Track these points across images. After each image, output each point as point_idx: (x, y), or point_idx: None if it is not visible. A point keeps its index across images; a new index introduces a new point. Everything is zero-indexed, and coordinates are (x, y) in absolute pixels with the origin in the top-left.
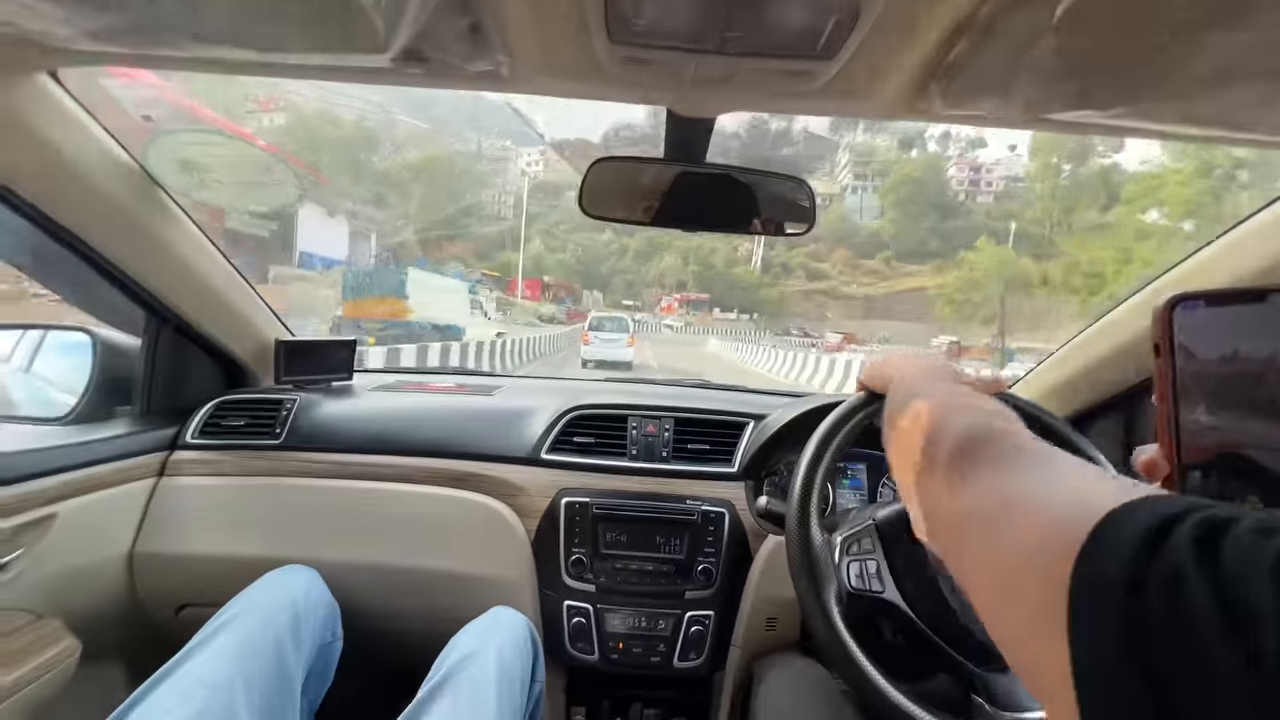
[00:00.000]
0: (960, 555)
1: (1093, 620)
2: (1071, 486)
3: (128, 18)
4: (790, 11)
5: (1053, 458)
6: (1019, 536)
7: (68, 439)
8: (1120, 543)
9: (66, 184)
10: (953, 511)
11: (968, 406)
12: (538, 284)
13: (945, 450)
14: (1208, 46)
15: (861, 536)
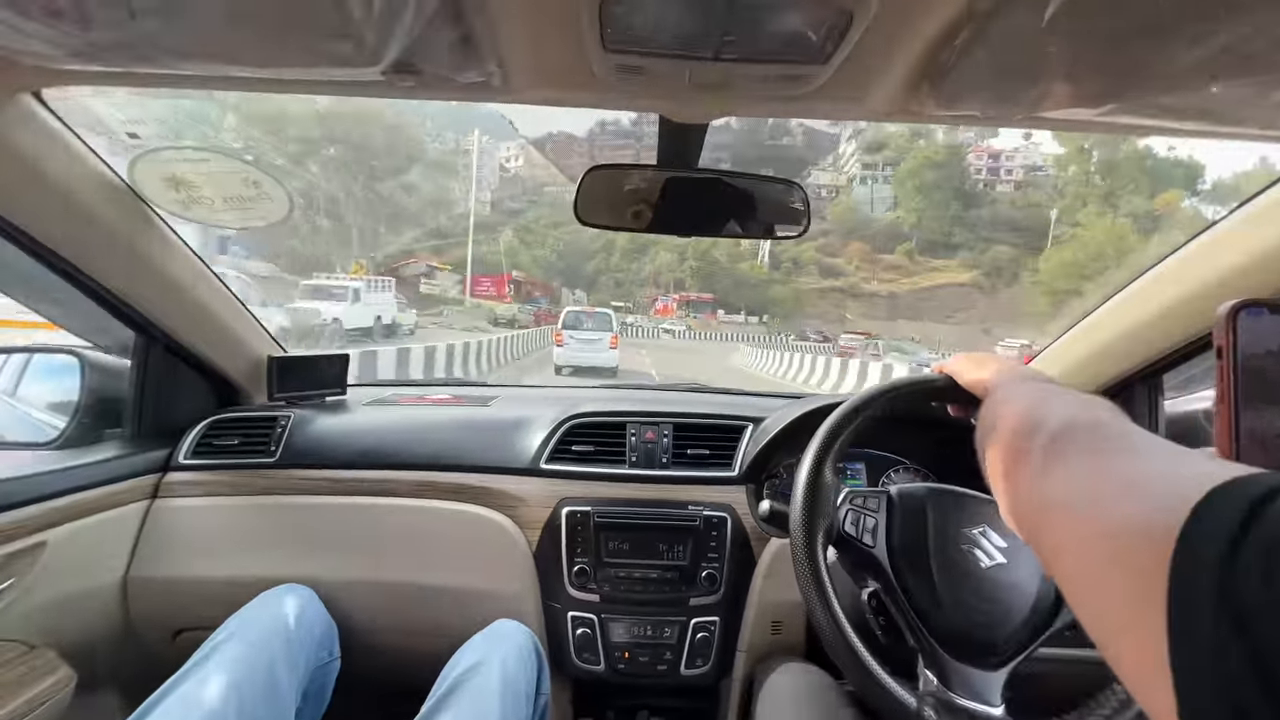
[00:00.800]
0: (1050, 539)
1: (1190, 591)
2: (1174, 468)
3: (110, 35)
4: (785, 17)
5: (1154, 442)
6: (1117, 518)
7: (56, 464)
8: (1222, 515)
9: (51, 204)
10: (1044, 495)
11: (1069, 399)
12: (503, 281)
13: (1043, 438)
14: (1195, 43)
15: (870, 497)
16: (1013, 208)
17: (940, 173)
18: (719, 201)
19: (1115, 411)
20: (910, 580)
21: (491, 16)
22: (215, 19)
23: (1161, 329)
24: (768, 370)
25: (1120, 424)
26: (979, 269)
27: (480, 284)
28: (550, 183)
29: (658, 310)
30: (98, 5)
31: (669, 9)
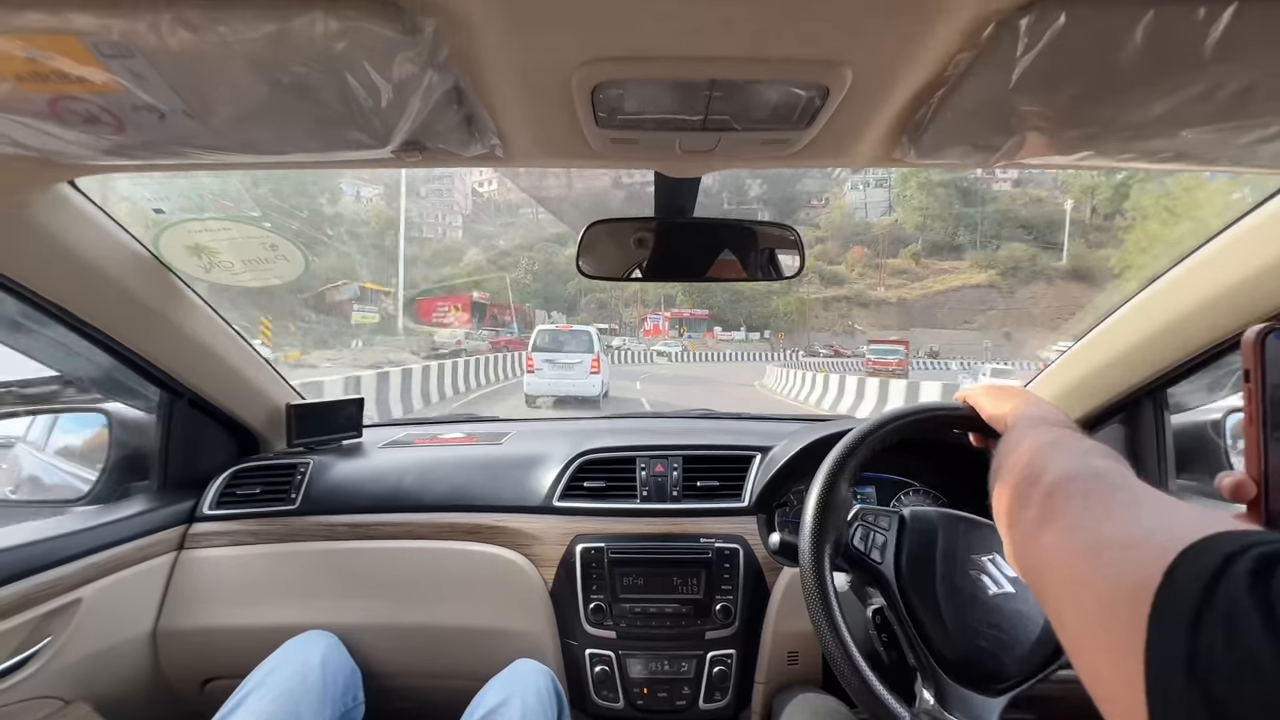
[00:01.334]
0: (1047, 589)
1: (1164, 650)
2: (1153, 526)
3: (141, 137)
4: (766, 94)
5: (1140, 497)
6: (1103, 576)
7: (89, 520)
8: (1189, 579)
9: (86, 281)
10: (1042, 548)
11: (1072, 449)
12: (465, 303)
13: (1042, 488)
14: (1161, 97)
15: (882, 516)
16: (1013, 204)
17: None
18: (717, 247)
19: (1115, 459)
20: (915, 600)
21: (492, 101)
22: (238, 118)
23: (1162, 346)
24: (800, 395)
25: (1115, 476)
26: (994, 268)
27: (431, 308)
28: (525, 204)
29: (647, 331)
30: (130, 111)
31: (657, 92)
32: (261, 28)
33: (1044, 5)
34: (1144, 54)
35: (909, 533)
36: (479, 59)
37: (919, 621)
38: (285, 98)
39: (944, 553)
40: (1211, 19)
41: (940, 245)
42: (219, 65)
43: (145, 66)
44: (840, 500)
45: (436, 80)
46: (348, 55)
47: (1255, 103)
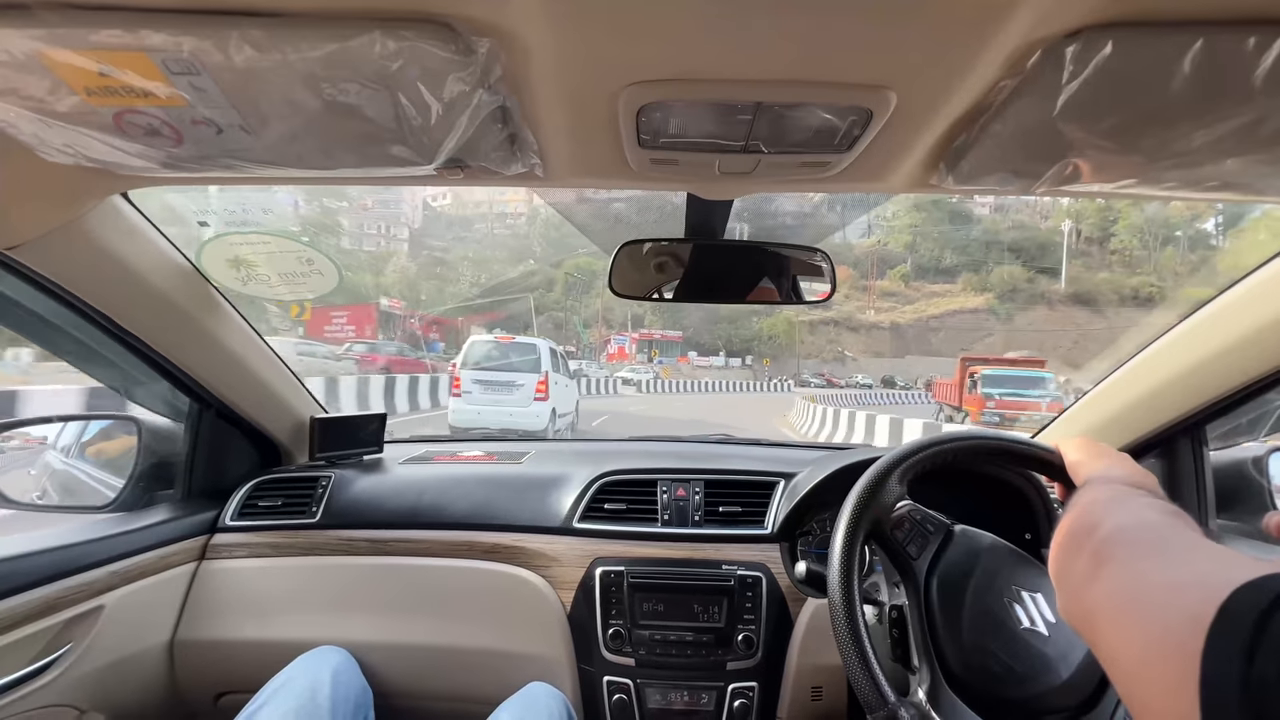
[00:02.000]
0: (1099, 635)
1: (1219, 681)
2: (1206, 570)
3: (198, 149)
4: (810, 116)
5: (1193, 545)
6: (1156, 616)
7: (114, 527)
8: (1242, 614)
9: (131, 290)
10: (1092, 596)
11: (1131, 504)
12: (368, 314)
13: (1095, 540)
14: (1207, 126)
15: (931, 521)
16: (997, 227)
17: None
18: (747, 269)
19: (1172, 513)
20: (938, 606)
21: (537, 121)
22: (291, 134)
23: (1200, 380)
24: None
25: (1167, 527)
26: (990, 291)
27: (325, 320)
28: (480, 219)
29: (610, 355)
30: (189, 125)
31: (701, 113)
32: (322, 47)
33: (1090, 34)
34: (1192, 83)
35: (954, 545)
36: (529, 80)
37: (934, 626)
38: (338, 115)
39: (985, 573)
40: (1262, 49)
41: (927, 267)
42: (278, 82)
43: (209, 82)
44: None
45: (485, 100)
46: (402, 75)
47: None
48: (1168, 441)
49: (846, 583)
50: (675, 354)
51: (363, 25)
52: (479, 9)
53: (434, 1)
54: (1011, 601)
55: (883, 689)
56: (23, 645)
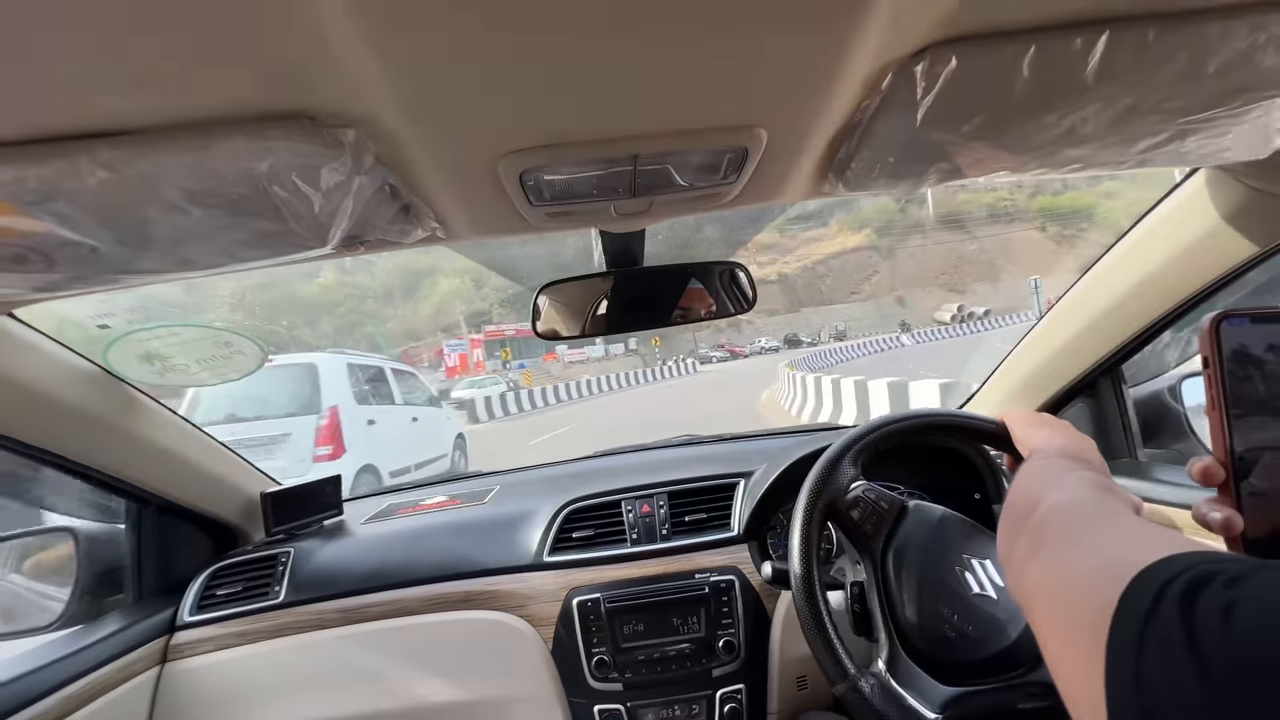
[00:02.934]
0: (1034, 618)
1: (1118, 672)
2: (1117, 552)
3: (74, 270)
4: (689, 157)
5: (1116, 525)
6: (1075, 604)
7: (62, 649)
8: (1136, 605)
9: (35, 407)
10: (1029, 580)
11: (1068, 480)
12: None
13: (1033, 521)
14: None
15: (885, 500)
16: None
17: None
18: (669, 291)
19: (1104, 489)
20: (894, 579)
21: (425, 192)
22: (173, 241)
23: (1107, 328)
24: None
25: (1096, 504)
26: (867, 227)
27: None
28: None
29: (451, 368)
30: (58, 248)
31: (583, 169)
32: (183, 158)
33: (935, 51)
34: (1034, 83)
35: (908, 520)
36: (404, 158)
37: (891, 598)
38: (217, 217)
39: (937, 544)
40: (1089, 47)
41: (799, 215)
42: (145, 197)
43: (69, 208)
44: (821, 524)
45: (365, 183)
46: (273, 173)
47: (1141, 114)
48: (1091, 385)
49: (806, 565)
50: (539, 352)
51: (222, 131)
52: (336, 103)
53: (289, 99)
54: (963, 570)
55: (843, 662)
56: None
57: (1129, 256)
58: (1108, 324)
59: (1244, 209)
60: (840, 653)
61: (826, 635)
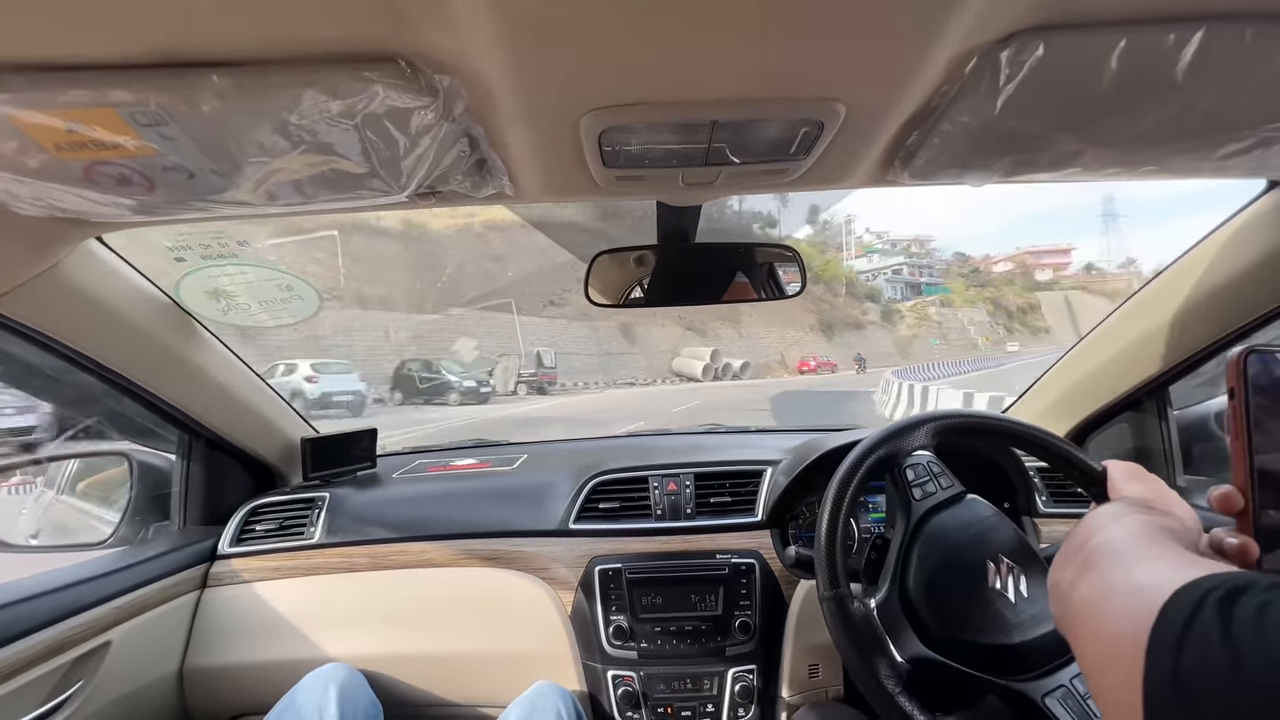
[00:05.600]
0: (1076, 639)
1: (1157, 674)
2: (1160, 575)
3: (171, 195)
4: (765, 128)
5: (1160, 554)
6: (1115, 621)
7: (114, 563)
8: (1176, 614)
9: (113, 331)
10: (1073, 603)
11: (1123, 521)
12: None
13: (1083, 554)
14: (1141, 116)
15: (945, 477)
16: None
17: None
18: (719, 270)
19: (1153, 526)
20: (922, 543)
21: (503, 147)
22: (262, 175)
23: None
24: None
25: (1144, 537)
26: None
27: None
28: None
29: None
30: (161, 172)
31: (661, 133)
32: (287, 92)
33: (1023, 38)
34: (1121, 78)
35: (960, 506)
36: (492, 110)
37: (909, 559)
38: (308, 154)
39: (978, 533)
40: (1181, 43)
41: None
42: (246, 128)
43: (178, 132)
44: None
45: (450, 131)
46: (368, 114)
47: (1227, 117)
48: (1135, 404)
49: (841, 493)
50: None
51: (325, 69)
52: (437, 49)
53: (393, 42)
54: (993, 565)
55: (840, 577)
56: (34, 687)
57: (1190, 273)
58: (1160, 341)
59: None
60: (840, 569)
61: (834, 549)
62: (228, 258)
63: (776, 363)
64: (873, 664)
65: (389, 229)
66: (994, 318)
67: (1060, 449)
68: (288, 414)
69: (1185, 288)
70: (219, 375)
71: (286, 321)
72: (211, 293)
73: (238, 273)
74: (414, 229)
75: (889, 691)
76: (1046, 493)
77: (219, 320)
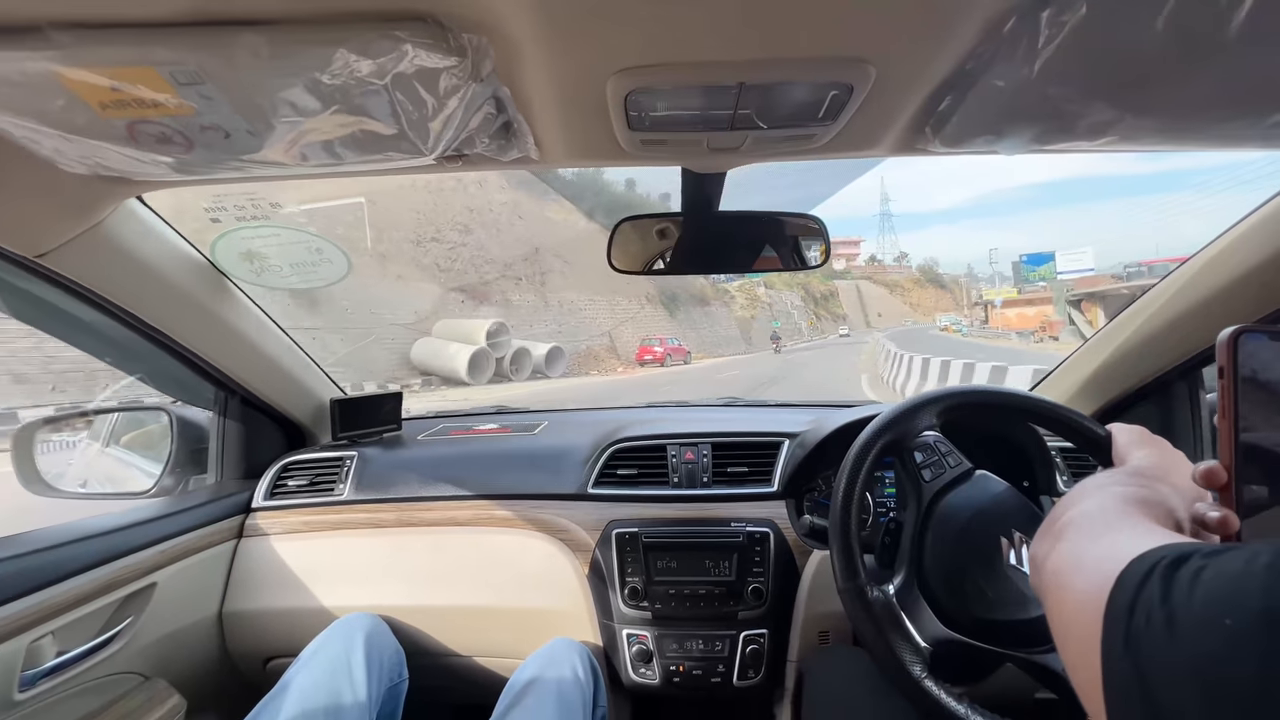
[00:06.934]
0: (1047, 604)
1: (1112, 637)
2: (1124, 544)
3: (208, 155)
4: (793, 91)
5: (1131, 525)
6: (1080, 587)
7: (158, 511)
8: (1131, 580)
9: (153, 288)
10: (1045, 572)
11: (1103, 494)
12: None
13: (1058, 526)
14: (1183, 83)
15: (954, 456)
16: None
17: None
18: (742, 239)
19: (1130, 499)
20: (935, 523)
21: (530, 109)
22: (294, 136)
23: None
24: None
25: (1117, 510)
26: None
27: None
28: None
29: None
30: (198, 131)
31: (687, 95)
32: (319, 51)
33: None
34: (1167, 41)
35: (970, 483)
36: (519, 72)
37: (924, 541)
38: (338, 115)
39: (989, 510)
40: (1235, 4)
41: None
42: (279, 87)
43: (214, 91)
44: (863, 490)
45: (478, 92)
46: (397, 74)
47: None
48: (1164, 387)
49: (852, 479)
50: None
51: (356, 27)
52: (467, 6)
53: (424, 2)
54: (1007, 542)
55: (857, 566)
56: (91, 619)
57: (1231, 253)
58: (1196, 322)
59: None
60: (858, 558)
61: (849, 539)
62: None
63: (604, 348)
64: (896, 650)
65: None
66: (805, 303)
67: (1062, 415)
68: (318, 375)
69: (1225, 267)
70: (253, 335)
71: (315, 284)
72: (245, 253)
73: (270, 233)
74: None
75: (915, 677)
76: (1068, 472)
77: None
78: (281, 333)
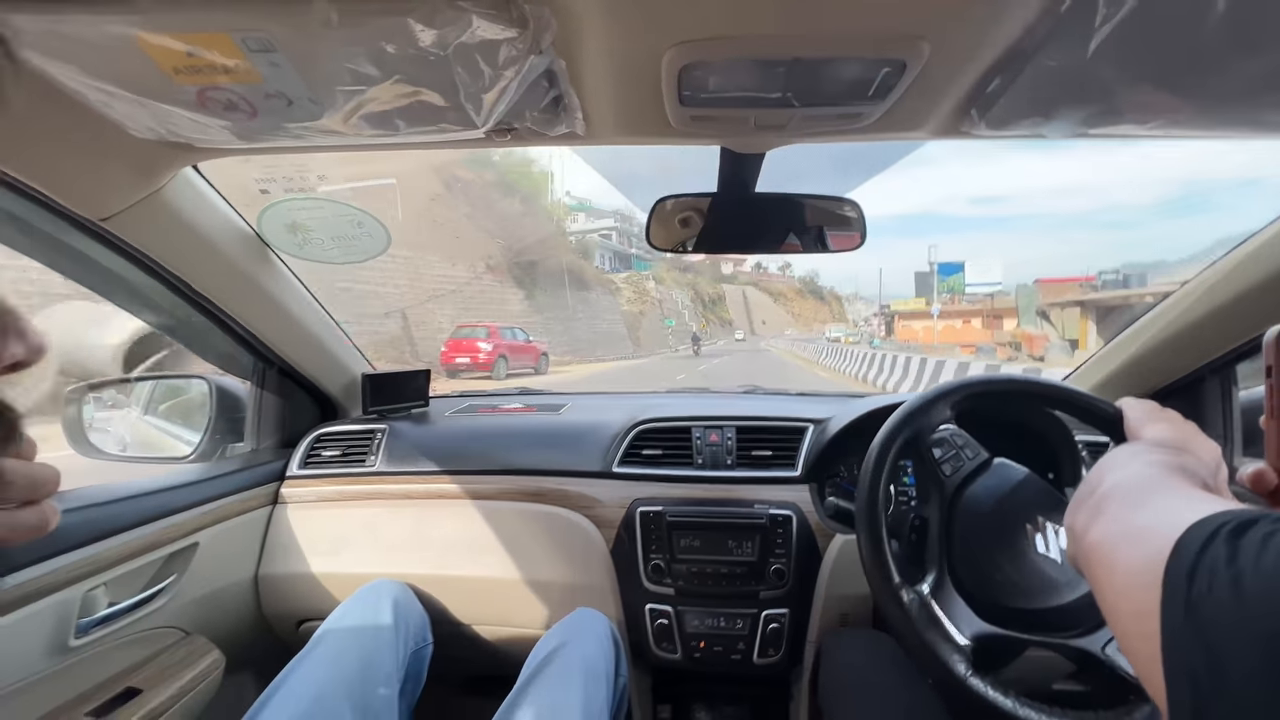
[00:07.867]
0: (1093, 574)
1: (1172, 602)
2: (1176, 512)
3: (270, 122)
4: (845, 67)
5: (1176, 493)
6: (1133, 554)
7: (199, 474)
8: (1190, 545)
9: (204, 257)
10: (1088, 542)
11: (1136, 463)
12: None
13: (1096, 497)
14: (1239, 68)
15: (971, 448)
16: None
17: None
18: (778, 220)
19: (1168, 466)
20: (960, 517)
21: (582, 83)
22: (354, 105)
23: (1228, 323)
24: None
25: (1159, 479)
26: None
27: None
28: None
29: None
30: (263, 99)
31: (740, 70)
32: (385, 20)
33: None
34: (1228, 22)
35: (990, 473)
36: (578, 44)
37: (951, 535)
38: (398, 84)
39: (1013, 499)
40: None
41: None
42: (344, 56)
43: (283, 59)
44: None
45: (535, 64)
46: (459, 45)
47: None
48: (1198, 382)
49: (875, 480)
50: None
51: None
52: None
53: None
54: (1032, 529)
55: (890, 571)
56: (138, 574)
57: (1270, 248)
58: (1232, 317)
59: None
60: (890, 563)
61: (880, 545)
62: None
63: (387, 338)
64: (939, 652)
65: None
66: (695, 304)
67: (1070, 394)
68: (350, 350)
69: (1263, 263)
70: (293, 308)
71: (355, 259)
72: (289, 225)
73: (315, 206)
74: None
75: (961, 676)
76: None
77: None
78: (320, 307)
